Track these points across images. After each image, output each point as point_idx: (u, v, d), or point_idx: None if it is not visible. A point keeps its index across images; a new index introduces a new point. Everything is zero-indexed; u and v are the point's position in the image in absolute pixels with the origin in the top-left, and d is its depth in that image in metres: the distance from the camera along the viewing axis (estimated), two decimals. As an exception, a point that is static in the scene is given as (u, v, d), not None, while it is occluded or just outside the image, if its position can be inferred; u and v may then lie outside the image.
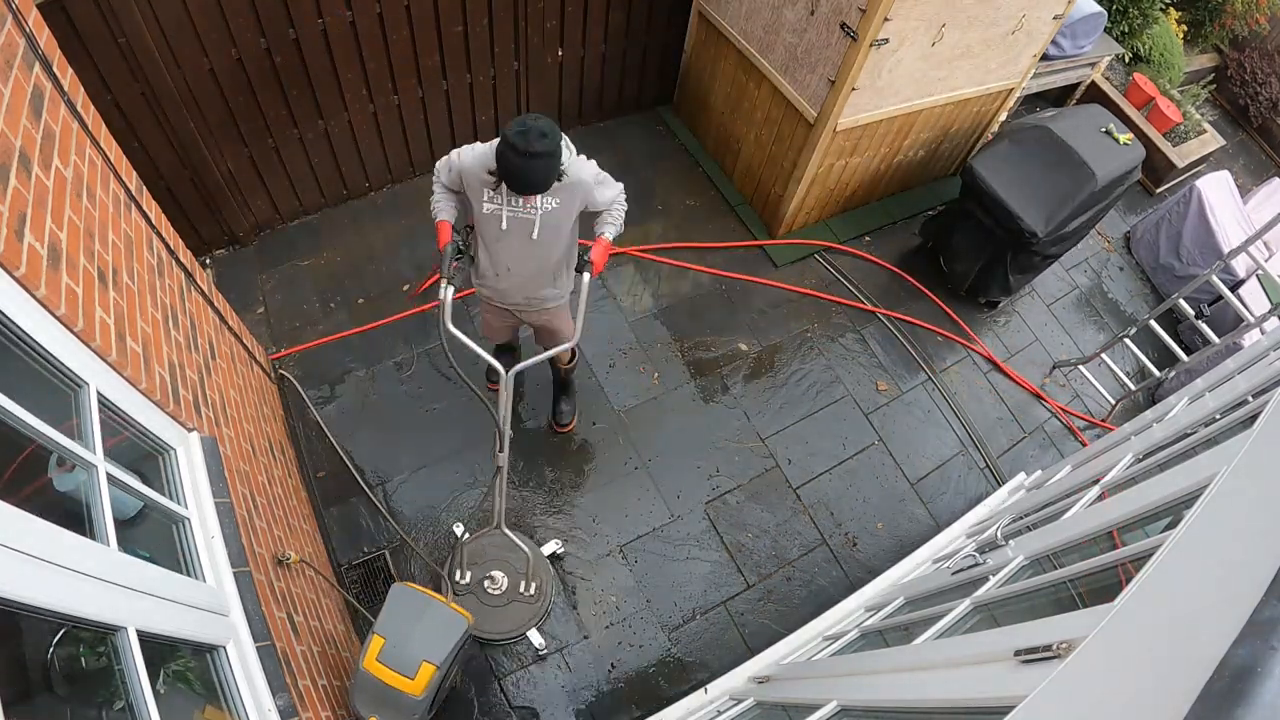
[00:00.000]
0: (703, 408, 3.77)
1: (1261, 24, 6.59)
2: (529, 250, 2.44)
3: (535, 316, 2.79)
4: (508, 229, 2.36)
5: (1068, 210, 3.82)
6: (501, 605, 3.02)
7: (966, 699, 1.39)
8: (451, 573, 2.98)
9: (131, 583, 1.41)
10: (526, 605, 3.03)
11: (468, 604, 2.95)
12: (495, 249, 2.45)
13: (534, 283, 2.58)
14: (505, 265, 2.49)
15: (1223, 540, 1.27)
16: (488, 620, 2.98)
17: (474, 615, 2.59)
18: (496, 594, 3.02)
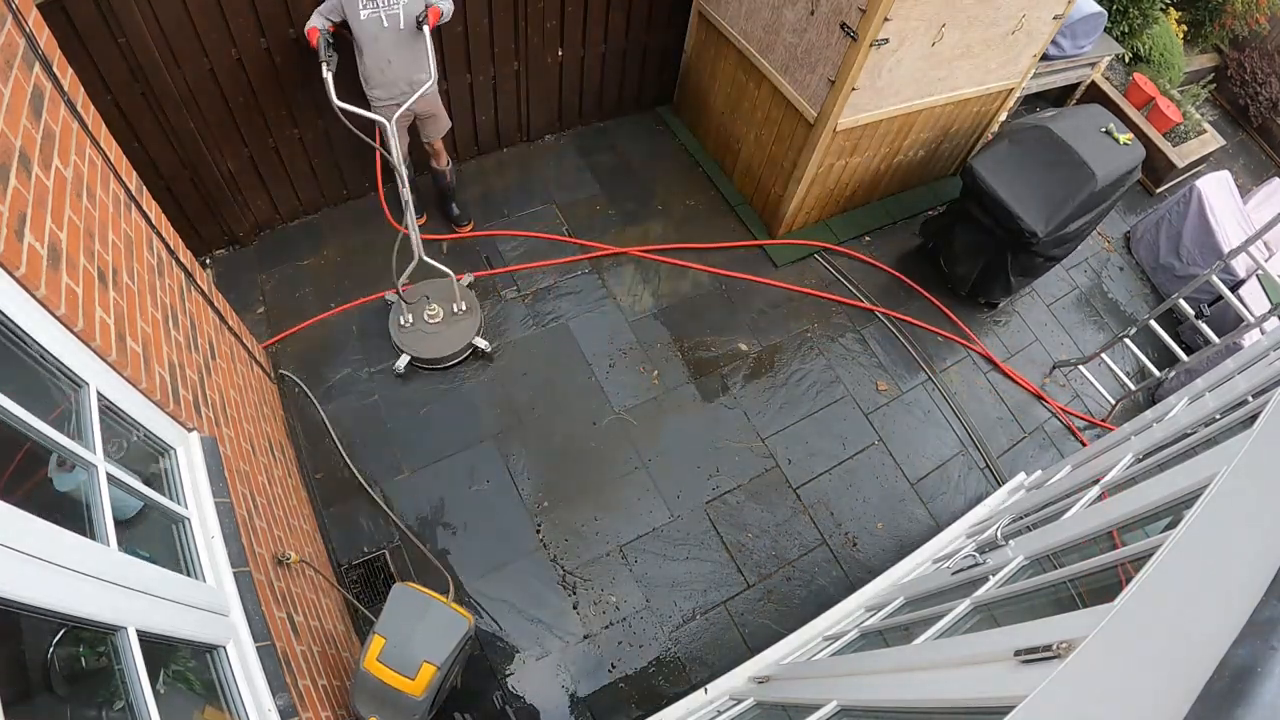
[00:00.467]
0: (703, 408, 3.77)
1: (1261, 24, 6.59)
2: (401, 39, 3.07)
3: (420, 104, 3.33)
4: (386, 25, 3.01)
5: (1068, 210, 3.82)
6: (444, 329, 3.60)
7: (966, 699, 1.38)
8: (395, 323, 3.55)
9: (131, 583, 1.41)
10: (463, 319, 3.63)
11: (414, 341, 3.55)
12: (376, 48, 3.07)
13: (412, 66, 3.16)
14: (387, 58, 3.11)
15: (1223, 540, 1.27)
16: (437, 345, 3.56)
17: (421, 345, 3.54)
18: (437, 320, 3.60)
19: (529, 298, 3.92)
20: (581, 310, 3.94)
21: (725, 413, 3.78)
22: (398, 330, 3.54)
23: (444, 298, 3.64)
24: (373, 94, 3.23)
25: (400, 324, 3.55)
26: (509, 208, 4.24)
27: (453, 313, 3.63)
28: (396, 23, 3.03)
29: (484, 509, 3.29)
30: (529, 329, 3.82)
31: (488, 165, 4.41)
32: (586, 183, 4.45)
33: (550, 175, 4.44)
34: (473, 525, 3.24)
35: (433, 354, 3.54)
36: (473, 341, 3.62)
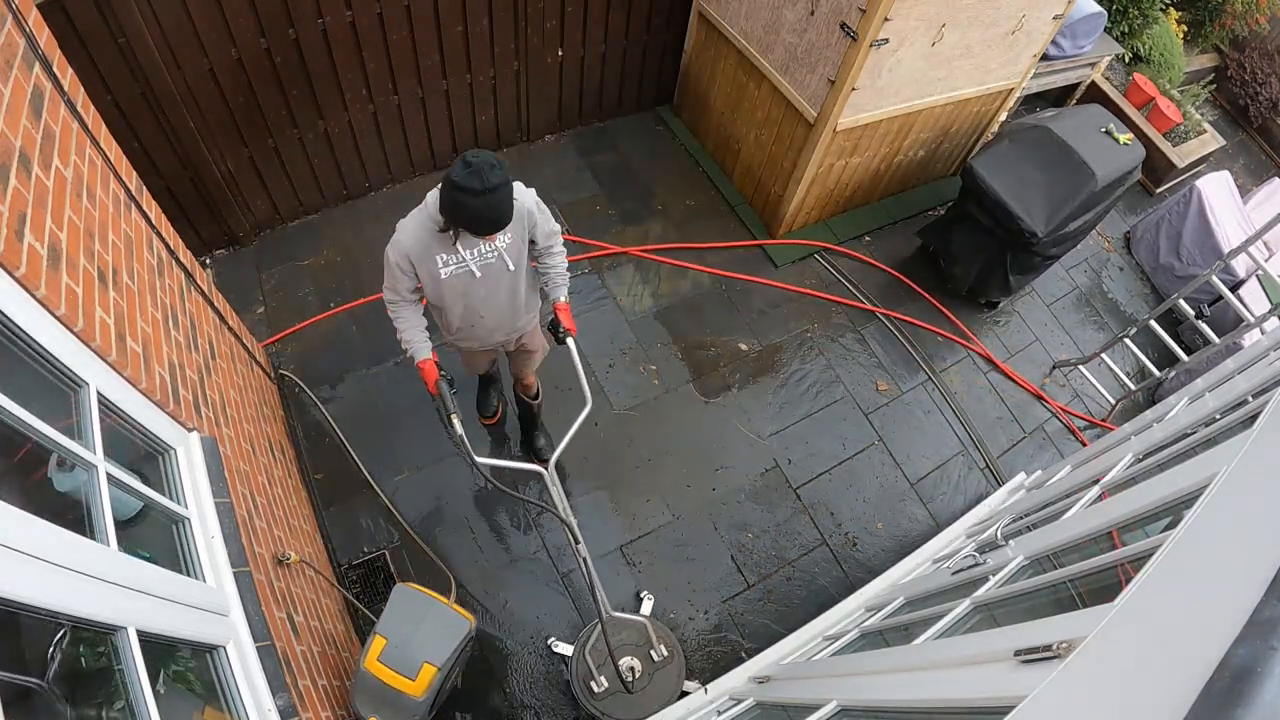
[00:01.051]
0: (703, 408, 3.77)
1: (1261, 24, 6.59)
2: (503, 288, 2.38)
3: (513, 342, 2.78)
4: (481, 276, 2.29)
5: (1068, 210, 3.82)
6: (647, 684, 2.89)
7: (966, 699, 1.38)
8: (587, 689, 2.81)
9: (131, 583, 1.41)
10: (667, 667, 2.89)
11: (617, 703, 2.82)
12: (469, 304, 2.38)
13: (511, 316, 2.54)
14: (479, 314, 2.43)
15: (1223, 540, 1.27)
16: (648, 704, 2.83)
17: (628, 710, 2.78)
18: (639, 677, 2.88)
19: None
20: (581, 310, 3.94)
21: (725, 413, 3.78)
22: (589, 699, 2.81)
23: (638, 642, 2.92)
24: (455, 343, 2.67)
25: (594, 690, 2.80)
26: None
27: (652, 660, 2.89)
28: (500, 269, 2.31)
29: (484, 509, 3.29)
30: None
31: (488, 165, 4.40)
32: (586, 183, 4.45)
33: (550, 175, 4.44)
34: (472, 525, 3.24)
35: (639, 715, 2.83)
36: (685, 686, 2.96)
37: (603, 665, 2.84)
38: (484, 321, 2.47)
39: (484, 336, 2.56)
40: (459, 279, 2.27)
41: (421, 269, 2.23)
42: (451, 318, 2.43)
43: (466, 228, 2.08)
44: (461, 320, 2.45)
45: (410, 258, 2.20)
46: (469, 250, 2.22)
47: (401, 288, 2.29)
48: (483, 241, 2.22)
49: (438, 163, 4.27)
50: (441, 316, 2.47)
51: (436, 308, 2.43)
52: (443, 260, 2.21)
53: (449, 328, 2.52)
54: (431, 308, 2.46)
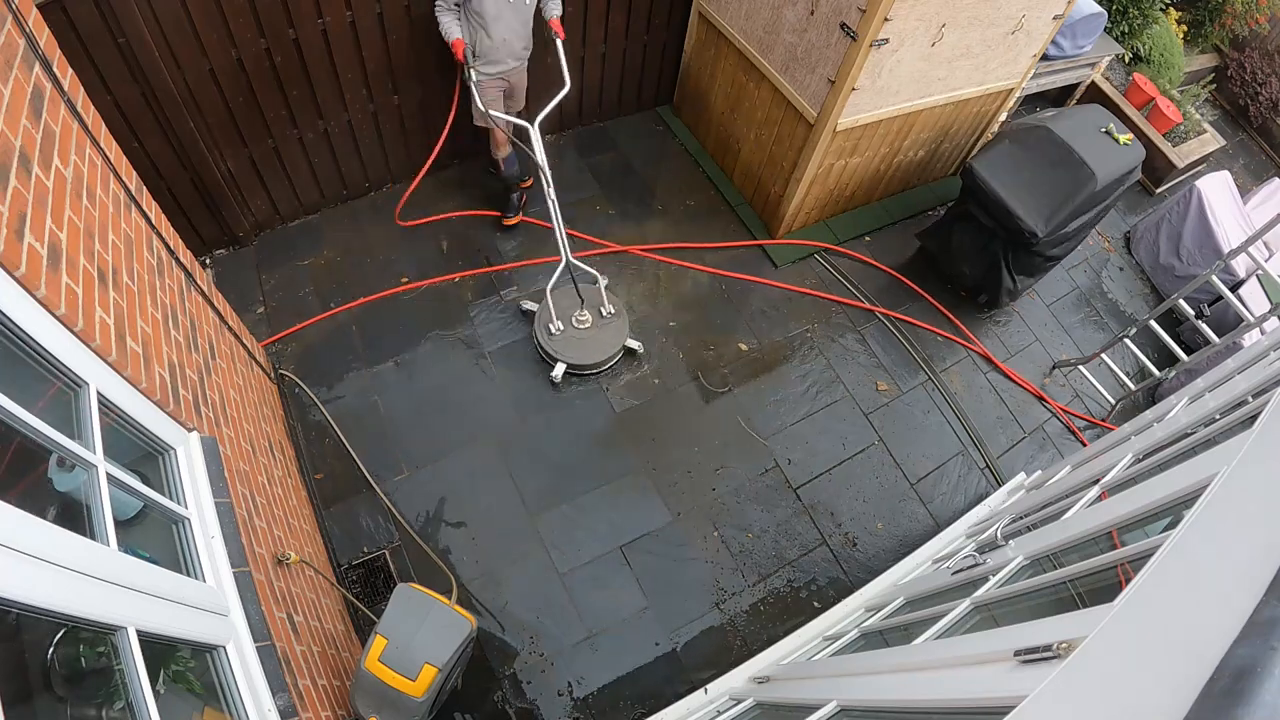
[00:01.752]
0: (703, 408, 3.77)
1: (1261, 24, 6.59)
2: (518, 14, 3.29)
3: (517, 76, 3.58)
4: (500, 8, 3.20)
5: (1068, 210, 3.82)
6: (594, 333, 3.61)
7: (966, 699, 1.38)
8: (545, 331, 3.55)
9: (131, 583, 1.41)
10: (613, 322, 3.63)
11: (568, 348, 3.55)
12: (496, 25, 3.26)
13: (520, 41, 3.41)
14: (503, 36, 3.31)
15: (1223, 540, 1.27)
16: (592, 350, 3.58)
17: (576, 351, 3.54)
18: (587, 325, 3.60)
19: (529, 298, 3.92)
20: (581, 310, 3.94)
21: (725, 413, 3.78)
22: (548, 338, 3.53)
23: (591, 302, 3.62)
24: (482, 69, 3.37)
25: (551, 332, 3.52)
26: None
27: (601, 316, 3.63)
28: (516, 6, 3.23)
29: (484, 509, 3.29)
30: (529, 329, 3.82)
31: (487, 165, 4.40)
32: (586, 183, 4.45)
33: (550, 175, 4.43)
34: (472, 525, 3.24)
35: (589, 359, 3.52)
36: (625, 343, 3.65)
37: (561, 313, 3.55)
38: (505, 44, 3.34)
39: (501, 59, 3.39)
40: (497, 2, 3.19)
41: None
42: (483, 39, 3.29)
43: None
44: (489, 43, 3.30)
45: None
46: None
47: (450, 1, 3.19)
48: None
49: (438, 162, 4.26)
50: (477, 33, 3.28)
51: (476, 29, 3.26)
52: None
53: (480, 49, 3.32)
54: (470, 27, 3.27)
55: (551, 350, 3.53)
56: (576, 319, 3.59)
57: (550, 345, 3.53)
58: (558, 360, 3.52)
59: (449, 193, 4.22)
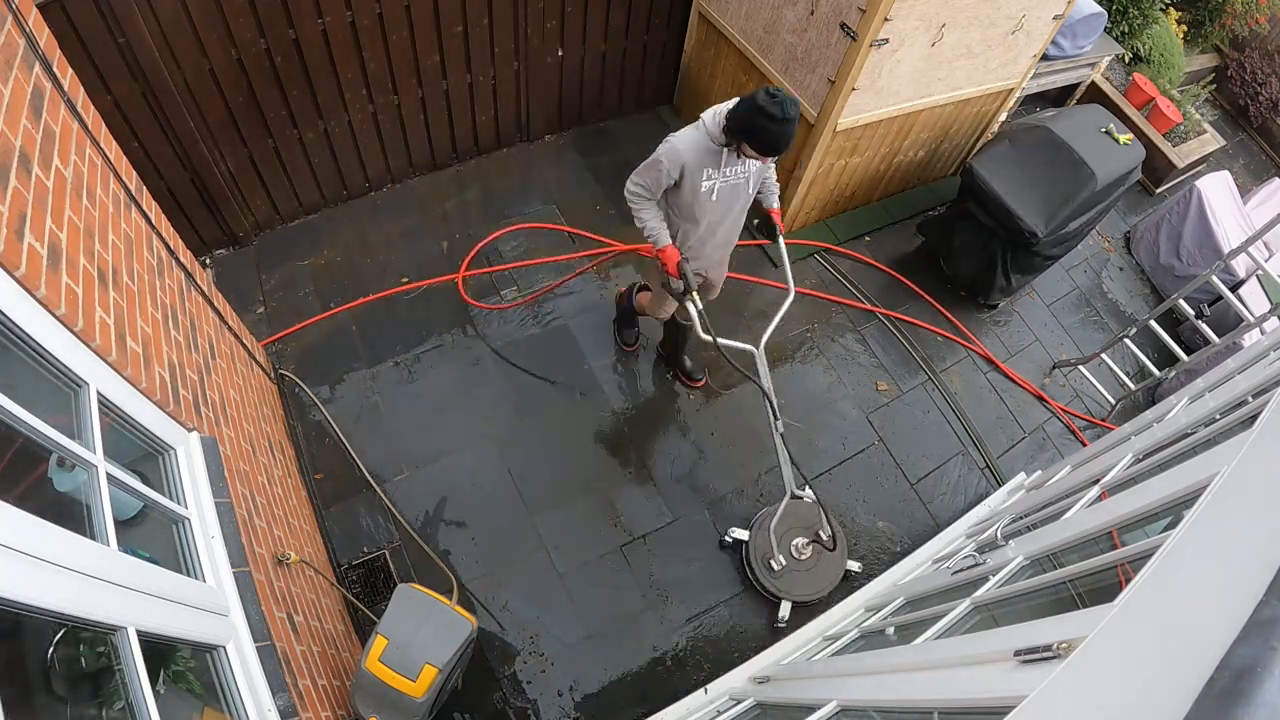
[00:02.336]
0: (702, 408, 3.77)
1: (1261, 24, 6.59)
2: (737, 208, 2.77)
3: (718, 272, 3.13)
4: (717, 199, 2.66)
5: (1068, 210, 3.82)
6: (814, 564, 3.25)
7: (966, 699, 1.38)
8: (765, 568, 3.20)
9: (131, 583, 1.41)
10: (831, 550, 3.20)
11: (792, 584, 3.21)
12: (712, 218, 2.73)
13: (733, 235, 2.93)
14: (715, 230, 2.79)
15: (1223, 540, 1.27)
16: (815, 583, 3.23)
17: (800, 587, 3.19)
18: (808, 556, 3.25)
19: (529, 297, 3.92)
20: (581, 310, 3.94)
21: (725, 413, 3.77)
22: (768, 576, 3.19)
23: (805, 524, 3.30)
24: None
25: (773, 568, 3.19)
26: (509, 208, 4.24)
27: (819, 539, 3.24)
28: (738, 191, 2.69)
29: (484, 509, 3.29)
30: (529, 329, 3.82)
31: (488, 165, 4.41)
32: (587, 183, 4.45)
33: (550, 175, 4.44)
34: (472, 525, 3.24)
35: (813, 594, 3.20)
36: (848, 565, 3.33)
37: (779, 544, 3.20)
38: (714, 239, 2.84)
39: (709, 254, 2.91)
40: (709, 194, 2.63)
41: (689, 178, 2.58)
42: (692, 230, 2.76)
43: (758, 146, 2.42)
44: (700, 234, 2.78)
45: (684, 165, 2.55)
46: (727, 169, 2.60)
47: (657, 189, 2.63)
48: (737, 165, 2.60)
49: (438, 163, 4.27)
50: (682, 230, 2.78)
51: (683, 220, 2.74)
52: (708, 174, 2.58)
53: (684, 242, 2.80)
54: (675, 220, 2.76)
55: (775, 589, 3.18)
56: (796, 549, 3.23)
57: (773, 583, 3.18)
58: (782, 599, 3.18)
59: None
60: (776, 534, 3.18)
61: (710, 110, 2.53)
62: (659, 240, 2.70)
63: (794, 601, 3.19)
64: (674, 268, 2.70)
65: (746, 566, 3.27)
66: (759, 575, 3.20)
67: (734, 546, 3.35)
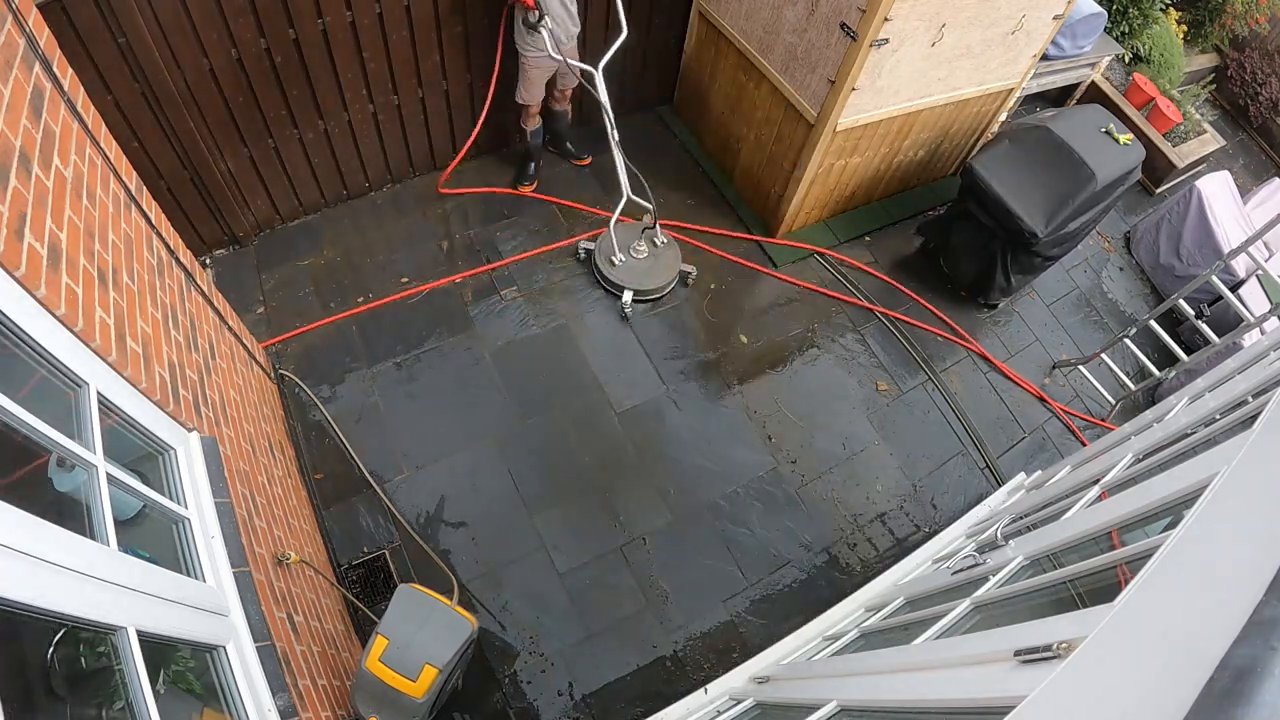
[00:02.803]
0: (703, 407, 3.77)
1: (1261, 24, 6.59)
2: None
3: (571, 50, 3.66)
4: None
5: (1068, 210, 3.82)
6: (651, 262, 3.90)
7: (966, 699, 1.38)
8: (607, 263, 3.83)
9: (131, 583, 1.41)
10: (666, 250, 3.95)
11: (630, 276, 3.82)
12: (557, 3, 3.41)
13: (573, 17, 3.57)
14: (563, 13, 3.48)
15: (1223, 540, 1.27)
16: (654, 277, 3.87)
17: (639, 279, 3.82)
18: (644, 255, 3.89)
19: (529, 297, 3.92)
20: (581, 310, 3.94)
21: (725, 412, 3.78)
22: (610, 269, 3.82)
23: (642, 235, 3.93)
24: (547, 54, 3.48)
25: (613, 263, 3.82)
26: (509, 208, 4.24)
27: (655, 246, 3.94)
28: None
29: (484, 509, 3.29)
30: (529, 329, 3.82)
31: (487, 165, 4.41)
32: (586, 182, 4.45)
33: (550, 175, 4.44)
34: (472, 525, 3.24)
35: (652, 285, 3.82)
36: (680, 268, 3.93)
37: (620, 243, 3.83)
38: (564, 22, 3.51)
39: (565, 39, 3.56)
40: None
41: None
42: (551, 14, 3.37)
43: None
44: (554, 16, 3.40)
45: None
46: None
47: None
48: None
49: (438, 163, 4.27)
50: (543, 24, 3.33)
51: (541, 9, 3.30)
52: None
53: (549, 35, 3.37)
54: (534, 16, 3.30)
55: (616, 280, 3.81)
56: (634, 249, 3.87)
57: (614, 275, 3.80)
58: (624, 288, 3.80)
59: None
60: (615, 235, 3.79)
61: None
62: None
63: (633, 290, 3.81)
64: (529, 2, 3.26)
65: (595, 271, 3.91)
66: (601, 271, 3.85)
67: (586, 259, 3.99)
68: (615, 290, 3.85)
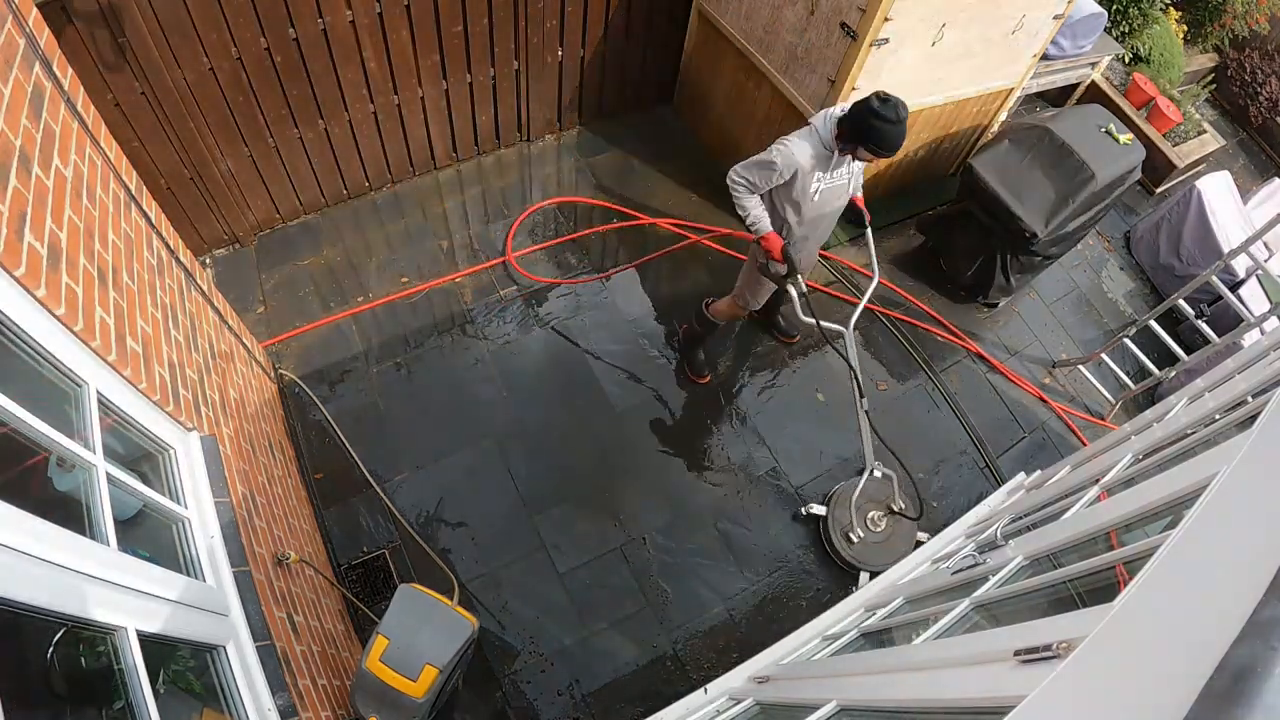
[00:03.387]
0: (703, 407, 3.77)
1: (1261, 24, 6.59)
2: (835, 206, 2.97)
3: (810, 262, 3.37)
4: (820, 199, 2.85)
5: (1068, 210, 3.82)
6: (888, 535, 3.45)
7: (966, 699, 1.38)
8: (844, 540, 3.39)
9: (131, 583, 1.41)
10: (905, 521, 3.47)
11: (871, 556, 3.38)
12: (812, 219, 2.92)
13: (828, 233, 3.16)
14: (815, 229, 3.02)
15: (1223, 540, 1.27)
16: (891, 554, 3.37)
17: (878, 558, 3.35)
18: (882, 528, 3.45)
19: (529, 297, 3.93)
20: (581, 310, 3.94)
21: (725, 412, 3.77)
22: (847, 548, 3.38)
23: (878, 497, 3.49)
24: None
25: (850, 540, 3.39)
26: (509, 208, 4.24)
27: (891, 512, 3.47)
28: (838, 193, 2.90)
29: (484, 509, 3.29)
30: (529, 329, 3.82)
31: (487, 165, 4.41)
32: (587, 183, 4.45)
33: (550, 175, 4.44)
34: (472, 525, 3.24)
35: (889, 563, 3.33)
36: (918, 535, 3.48)
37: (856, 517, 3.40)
38: (815, 234, 3.06)
39: (810, 248, 3.16)
40: (812, 195, 2.81)
41: (800, 180, 2.74)
42: (796, 226, 2.94)
43: (875, 148, 2.58)
44: (803, 229, 2.96)
45: (798, 169, 2.71)
46: (835, 170, 2.79)
47: (763, 185, 2.78)
48: (843, 168, 2.81)
49: (437, 163, 4.27)
50: (786, 225, 2.93)
51: (787, 215, 2.89)
52: (818, 177, 2.76)
53: (787, 236, 2.96)
54: (776, 214, 2.91)
55: (852, 559, 3.38)
56: (871, 522, 3.44)
57: (851, 554, 3.38)
58: (861, 570, 3.37)
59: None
60: (855, 507, 3.39)
61: (820, 115, 2.70)
62: (762, 229, 2.83)
63: (871, 572, 3.33)
64: (779, 253, 2.84)
65: (825, 540, 3.46)
66: (837, 548, 3.40)
67: (808, 520, 3.53)
68: (848, 568, 3.40)
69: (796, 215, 2.88)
